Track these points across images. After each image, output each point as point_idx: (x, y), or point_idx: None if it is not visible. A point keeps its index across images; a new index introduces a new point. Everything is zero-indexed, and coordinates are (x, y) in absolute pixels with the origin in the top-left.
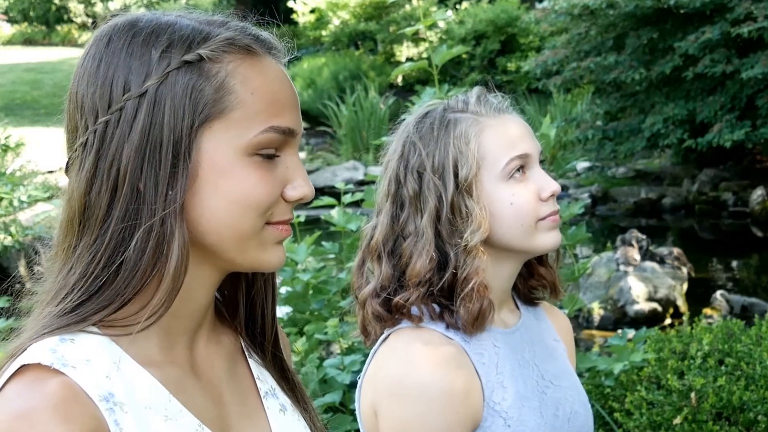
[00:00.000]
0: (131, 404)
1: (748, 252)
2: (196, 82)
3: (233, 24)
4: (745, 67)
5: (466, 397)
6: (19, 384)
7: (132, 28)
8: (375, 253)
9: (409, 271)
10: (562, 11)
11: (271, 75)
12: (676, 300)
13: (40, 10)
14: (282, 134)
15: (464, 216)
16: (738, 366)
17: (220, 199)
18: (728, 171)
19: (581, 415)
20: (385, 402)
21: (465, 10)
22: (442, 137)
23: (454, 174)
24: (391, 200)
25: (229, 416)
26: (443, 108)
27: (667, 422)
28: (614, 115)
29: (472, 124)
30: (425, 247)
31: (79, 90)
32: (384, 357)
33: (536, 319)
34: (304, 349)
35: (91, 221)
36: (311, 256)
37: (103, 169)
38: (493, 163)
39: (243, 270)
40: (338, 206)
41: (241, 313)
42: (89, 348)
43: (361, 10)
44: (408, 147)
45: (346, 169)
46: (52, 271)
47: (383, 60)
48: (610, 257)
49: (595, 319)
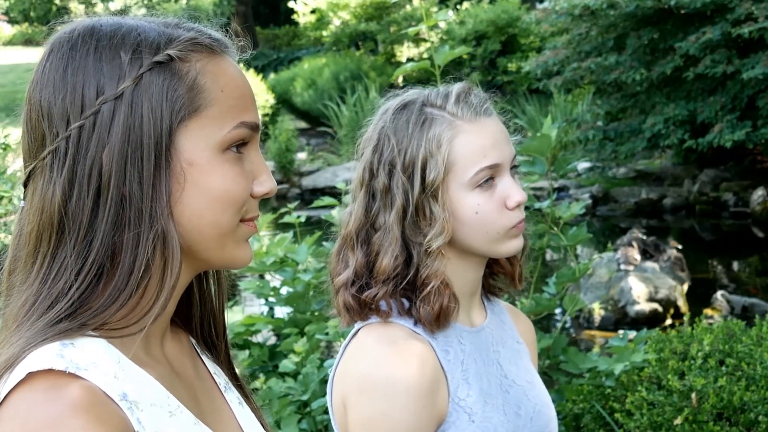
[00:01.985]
0: (143, 402)
1: (749, 252)
2: (170, 83)
3: (188, 25)
4: (746, 67)
5: (432, 392)
6: (31, 392)
7: (94, 33)
8: (350, 241)
9: (376, 268)
10: (563, 11)
11: (234, 72)
12: (677, 300)
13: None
14: (250, 129)
15: (428, 219)
16: (739, 366)
17: (201, 197)
18: (729, 171)
19: (544, 414)
20: (354, 397)
21: (465, 11)
22: (415, 135)
23: (422, 176)
24: (364, 189)
25: (205, 411)
26: (422, 102)
27: (668, 423)
28: (615, 116)
29: (446, 127)
30: (391, 245)
31: (44, 97)
32: (353, 353)
33: (501, 320)
34: (304, 350)
35: (72, 228)
36: (312, 257)
37: (82, 175)
38: (461, 170)
39: (215, 268)
40: (339, 206)
41: (196, 313)
42: (92, 351)
43: (361, 10)
44: (383, 138)
45: (346, 169)
46: (20, 282)
47: (384, 60)
48: (610, 257)
49: (595, 319)
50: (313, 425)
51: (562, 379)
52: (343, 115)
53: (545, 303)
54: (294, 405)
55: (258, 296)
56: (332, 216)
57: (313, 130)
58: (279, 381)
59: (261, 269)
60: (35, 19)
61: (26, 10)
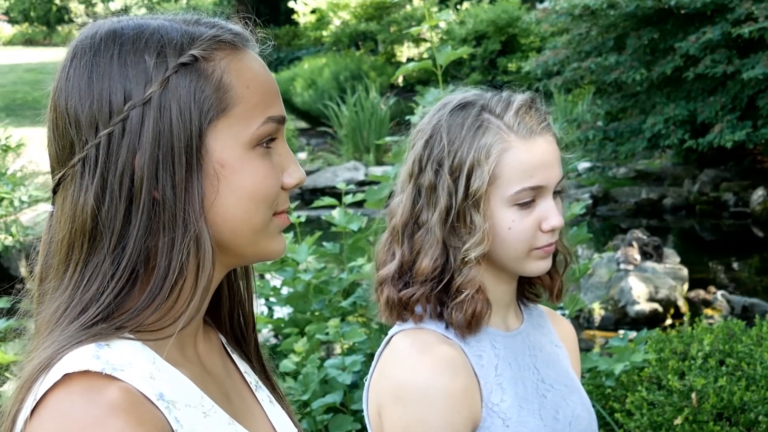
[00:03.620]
0: (179, 402)
1: (749, 252)
2: (197, 84)
3: (208, 20)
4: (746, 67)
5: (465, 397)
6: (69, 393)
7: (117, 36)
8: (396, 234)
9: (416, 267)
10: (563, 11)
11: (257, 66)
12: (677, 300)
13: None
14: (277, 123)
15: (468, 227)
16: (739, 366)
17: (233, 196)
18: (729, 171)
19: (584, 419)
20: (388, 405)
21: (466, 11)
22: (467, 139)
23: (467, 182)
24: (412, 183)
25: (237, 410)
26: (481, 106)
27: (668, 422)
28: (615, 116)
29: (499, 139)
30: (432, 246)
31: (70, 105)
32: (386, 360)
33: (539, 324)
34: (305, 350)
35: (105, 234)
36: (312, 256)
37: (114, 181)
38: (504, 185)
39: (249, 263)
40: (339, 206)
41: (225, 310)
42: (127, 352)
43: (361, 10)
44: (435, 135)
45: (347, 169)
46: (53, 288)
47: (384, 60)
48: (610, 257)
49: (595, 319)
50: (314, 425)
51: None
52: (343, 115)
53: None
54: (294, 405)
55: (258, 296)
56: (332, 216)
57: (313, 130)
58: (279, 381)
59: (261, 269)
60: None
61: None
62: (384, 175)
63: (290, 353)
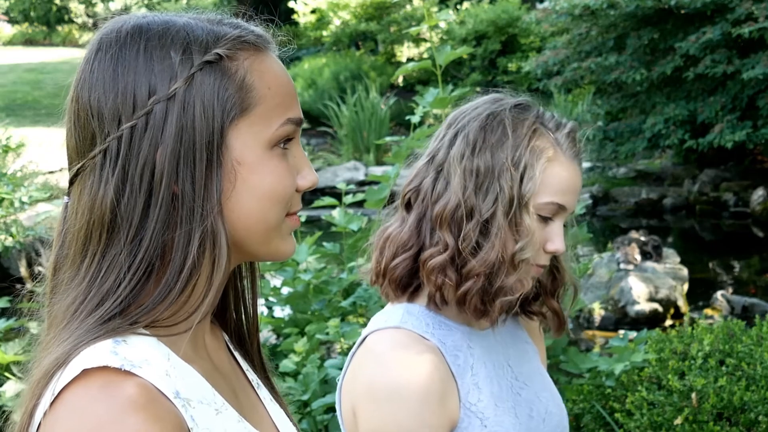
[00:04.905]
0: (193, 400)
1: (749, 252)
2: (221, 82)
3: (231, 21)
4: (746, 67)
5: (443, 398)
6: (87, 389)
7: (143, 32)
8: (445, 220)
9: (479, 258)
10: (563, 11)
11: (278, 68)
12: (677, 300)
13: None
14: (295, 125)
15: (518, 228)
16: (739, 366)
17: (250, 195)
18: (729, 171)
19: (556, 415)
20: (362, 405)
21: (466, 11)
22: (527, 135)
23: (521, 179)
24: (464, 165)
25: (244, 407)
26: (537, 114)
27: (668, 422)
28: (615, 116)
29: (550, 148)
30: (498, 238)
31: (93, 96)
32: (361, 359)
33: (509, 321)
34: (305, 350)
35: (123, 227)
36: (312, 256)
37: (135, 174)
38: (539, 193)
39: (260, 260)
40: (339, 206)
41: (230, 309)
42: (143, 348)
43: (361, 10)
44: (492, 121)
45: (347, 169)
46: (68, 279)
47: (384, 60)
48: (611, 257)
49: (595, 319)
50: (314, 425)
51: (563, 379)
52: (344, 115)
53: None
54: (294, 405)
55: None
56: (332, 216)
57: (313, 130)
58: (279, 381)
59: (261, 269)
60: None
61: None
62: (384, 175)
63: (290, 353)
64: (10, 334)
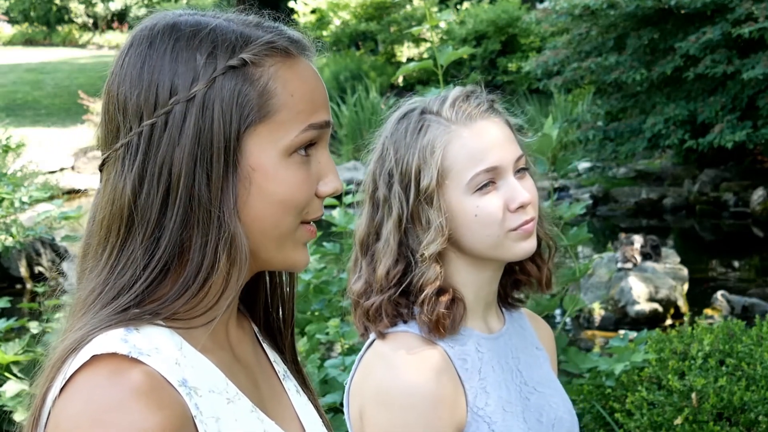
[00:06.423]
0: (202, 388)
1: (749, 252)
2: (242, 88)
3: (268, 25)
4: (746, 67)
5: (450, 402)
6: (95, 374)
7: (174, 31)
8: (359, 252)
9: (374, 277)
10: (563, 11)
11: (307, 75)
12: (677, 300)
13: (41, 11)
14: (319, 129)
15: (424, 225)
16: (739, 366)
17: (265, 201)
18: (729, 171)
19: (566, 421)
20: (371, 409)
21: (466, 11)
22: (411, 144)
23: (416, 183)
24: (368, 200)
25: (264, 398)
26: (421, 110)
27: (668, 422)
28: (615, 116)
29: (441, 132)
30: (385, 254)
31: (121, 91)
32: (369, 363)
33: (520, 326)
34: (305, 350)
35: (141, 223)
36: (312, 257)
37: (152, 172)
38: (458, 175)
39: (274, 269)
40: (339, 206)
41: (262, 300)
42: (154, 337)
43: (362, 10)
44: (384, 150)
45: (347, 169)
46: (91, 268)
47: (384, 60)
48: (611, 257)
49: (595, 319)
50: None
51: (562, 379)
52: (343, 115)
53: (545, 303)
54: None
55: None
56: (332, 216)
57: None
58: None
59: None
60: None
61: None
62: None
63: None
64: (10, 334)
